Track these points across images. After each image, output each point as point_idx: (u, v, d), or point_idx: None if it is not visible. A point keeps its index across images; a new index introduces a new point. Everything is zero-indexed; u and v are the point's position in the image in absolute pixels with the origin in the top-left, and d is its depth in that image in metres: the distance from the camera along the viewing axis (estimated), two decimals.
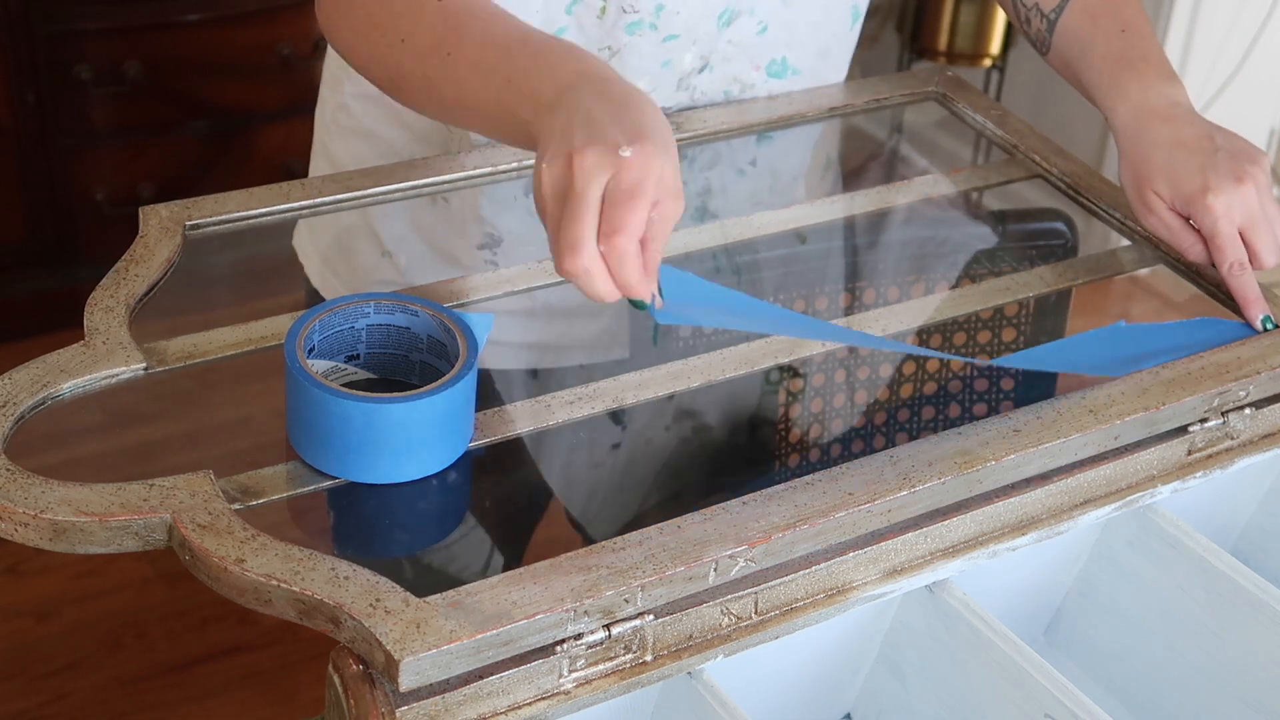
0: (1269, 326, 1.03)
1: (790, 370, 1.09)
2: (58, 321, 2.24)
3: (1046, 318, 1.42)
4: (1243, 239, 1.04)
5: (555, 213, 0.82)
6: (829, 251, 1.40)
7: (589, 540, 0.82)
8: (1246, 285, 1.05)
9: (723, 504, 0.85)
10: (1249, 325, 1.04)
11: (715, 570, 0.82)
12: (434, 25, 0.95)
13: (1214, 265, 1.06)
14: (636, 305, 0.83)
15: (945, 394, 1.22)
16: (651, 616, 0.82)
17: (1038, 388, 1.03)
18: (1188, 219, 1.06)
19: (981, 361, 1.13)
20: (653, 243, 0.83)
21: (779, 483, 0.87)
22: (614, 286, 0.82)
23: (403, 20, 0.96)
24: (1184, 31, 2.91)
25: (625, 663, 0.82)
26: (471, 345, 0.89)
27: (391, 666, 0.74)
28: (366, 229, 1.19)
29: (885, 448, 0.90)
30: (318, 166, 1.28)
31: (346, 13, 1.01)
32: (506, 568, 0.80)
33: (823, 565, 0.87)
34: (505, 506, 0.86)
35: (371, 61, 1.00)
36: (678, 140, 1.20)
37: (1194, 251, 1.07)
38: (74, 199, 2.44)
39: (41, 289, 2.47)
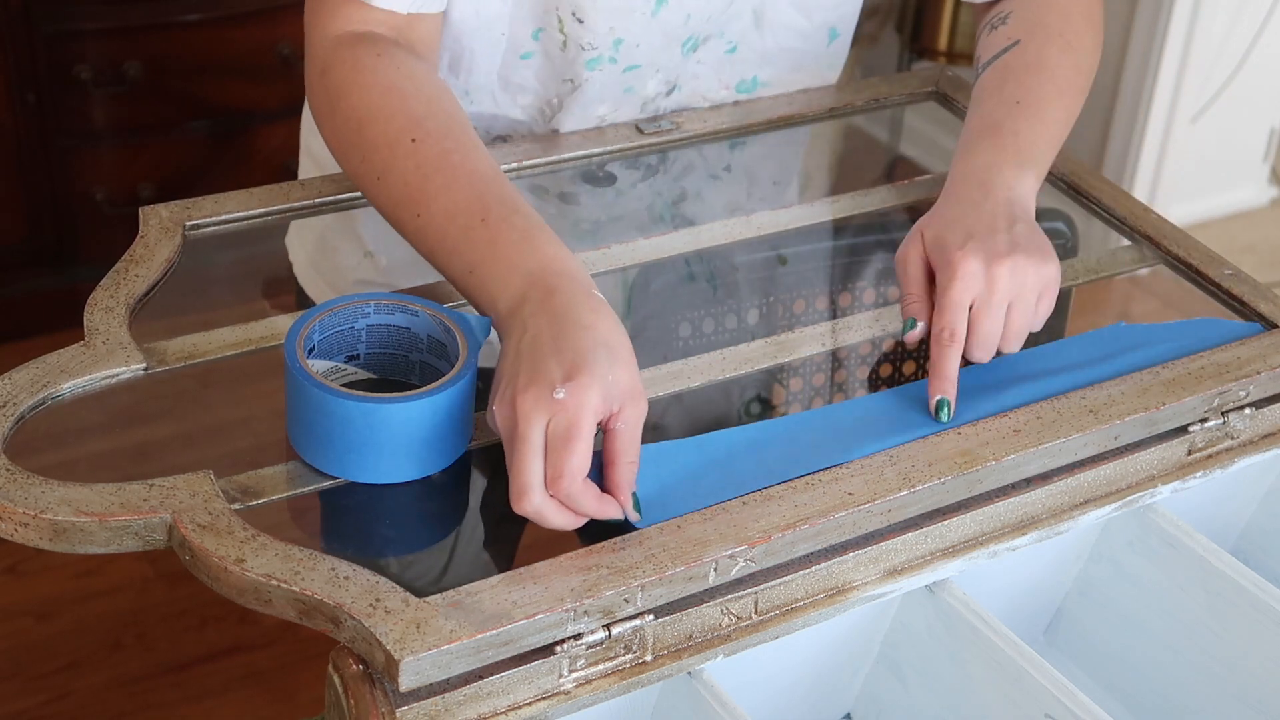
0: (943, 416, 0.93)
1: (789, 371, 1.09)
2: (58, 321, 2.24)
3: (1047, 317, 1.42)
4: (971, 318, 0.95)
5: (508, 453, 0.83)
6: (829, 251, 1.40)
7: (587, 540, 0.82)
8: (946, 359, 0.94)
9: (723, 504, 0.85)
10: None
11: (715, 570, 0.82)
12: (406, 173, 0.95)
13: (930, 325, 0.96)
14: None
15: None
16: (651, 616, 0.82)
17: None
18: (933, 278, 0.98)
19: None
20: (621, 457, 0.84)
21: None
22: (572, 519, 0.83)
23: (378, 156, 0.96)
24: (1184, 31, 2.91)
25: (625, 663, 0.82)
26: (472, 345, 0.89)
27: (391, 666, 0.74)
28: (349, 229, 1.19)
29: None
30: (305, 167, 1.28)
31: (329, 123, 1.01)
32: (505, 568, 0.80)
33: (823, 565, 0.87)
34: (504, 506, 0.86)
35: (353, 179, 1.01)
36: (677, 140, 1.21)
37: (909, 304, 0.97)
38: (74, 199, 2.44)
39: (41, 289, 2.47)
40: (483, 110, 1.17)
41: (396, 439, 0.86)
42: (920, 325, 0.96)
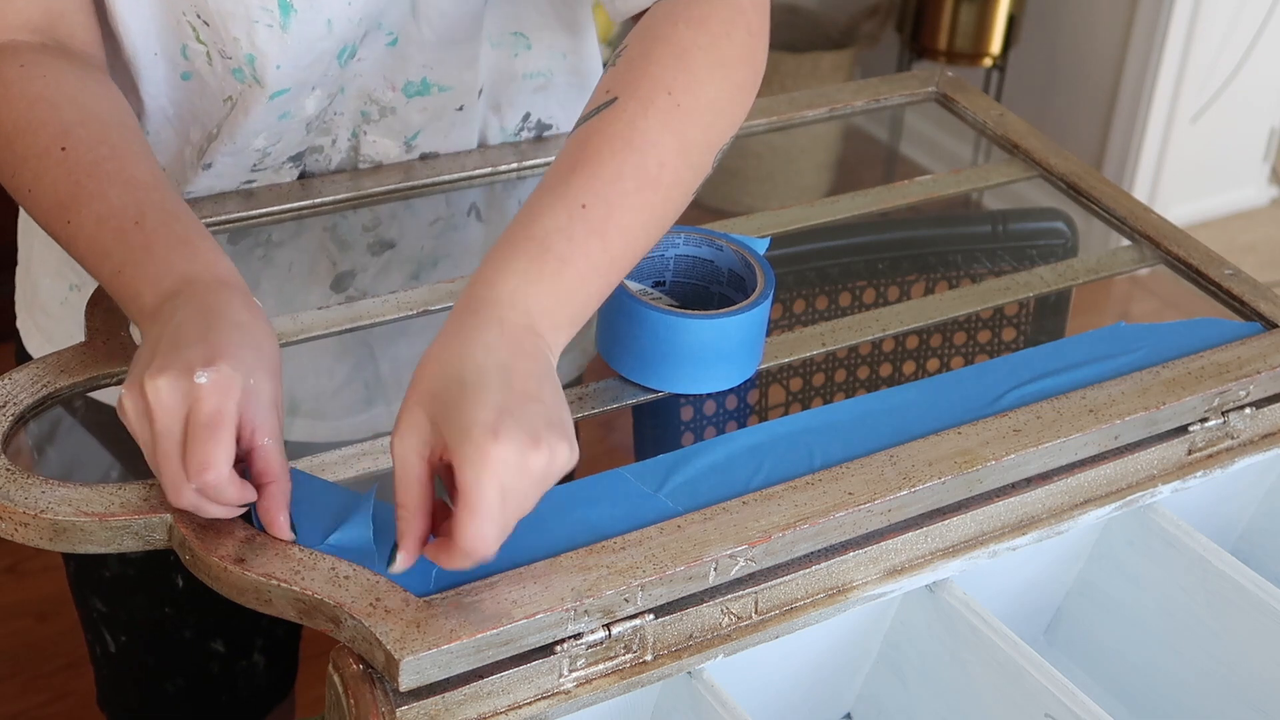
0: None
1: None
2: None
3: (1046, 318, 1.42)
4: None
5: (148, 448, 0.77)
6: (830, 251, 1.41)
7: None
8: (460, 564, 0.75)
9: (723, 504, 0.85)
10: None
11: (715, 570, 0.82)
12: (56, 183, 0.87)
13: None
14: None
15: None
16: (651, 616, 0.82)
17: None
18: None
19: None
20: (263, 477, 0.78)
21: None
22: (232, 510, 0.79)
23: (28, 169, 0.89)
24: (1184, 31, 2.91)
25: (625, 662, 0.82)
26: (768, 280, 0.96)
27: (391, 666, 0.74)
28: (50, 263, 1.11)
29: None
30: None
31: None
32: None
33: (823, 565, 0.87)
34: None
35: (13, 195, 0.92)
36: None
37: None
38: None
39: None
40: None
41: (700, 352, 0.93)
42: (403, 557, 0.76)
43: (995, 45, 2.91)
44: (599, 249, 0.82)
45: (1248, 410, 1.01)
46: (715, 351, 0.94)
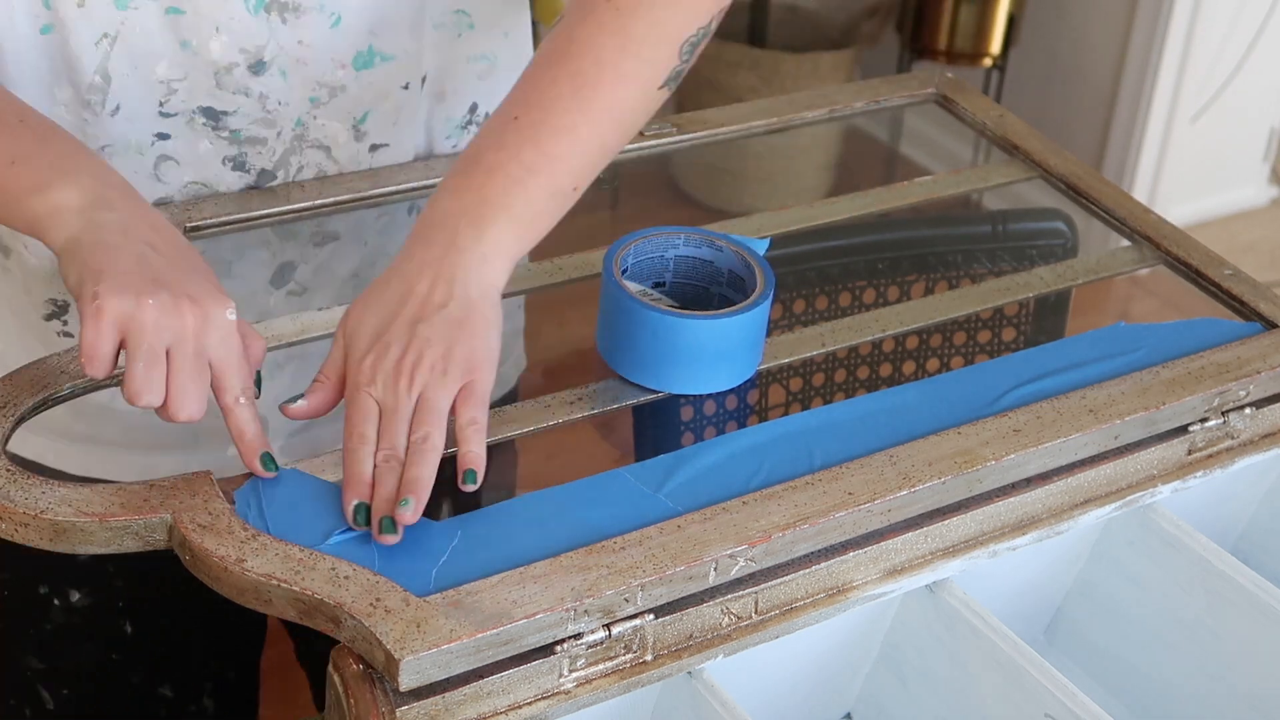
0: (361, 520, 0.81)
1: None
2: None
3: (1046, 318, 1.42)
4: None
5: (145, 354, 0.80)
6: (830, 251, 1.41)
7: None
8: (356, 464, 0.82)
9: (723, 504, 0.85)
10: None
11: (715, 570, 0.82)
12: None
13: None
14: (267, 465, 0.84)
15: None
16: (651, 616, 0.82)
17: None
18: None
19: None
20: (218, 388, 0.83)
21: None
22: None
23: None
24: (1184, 31, 2.91)
25: (625, 662, 0.82)
26: (768, 281, 0.96)
27: (392, 666, 0.74)
28: None
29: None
30: None
31: None
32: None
33: (823, 565, 0.87)
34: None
35: None
36: (683, 139, 1.20)
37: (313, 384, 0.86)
38: None
39: None
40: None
41: (699, 353, 0.94)
42: (302, 403, 0.85)
43: (995, 45, 2.92)
44: (532, 152, 0.85)
45: (1248, 410, 1.01)
46: (714, 352, 0.94)
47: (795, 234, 1.14)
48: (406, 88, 1.06)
